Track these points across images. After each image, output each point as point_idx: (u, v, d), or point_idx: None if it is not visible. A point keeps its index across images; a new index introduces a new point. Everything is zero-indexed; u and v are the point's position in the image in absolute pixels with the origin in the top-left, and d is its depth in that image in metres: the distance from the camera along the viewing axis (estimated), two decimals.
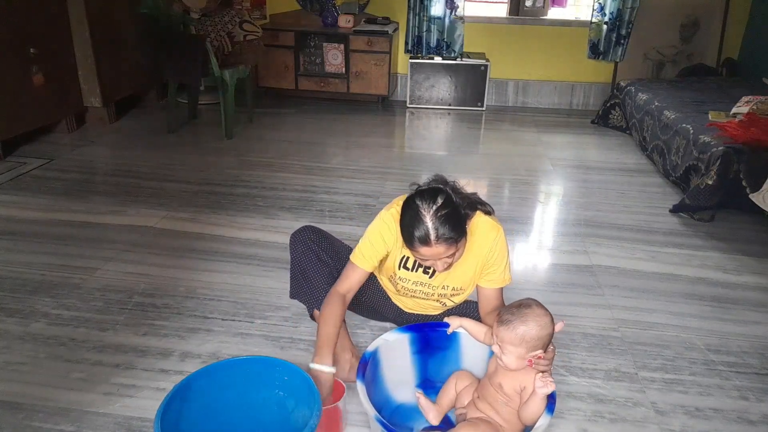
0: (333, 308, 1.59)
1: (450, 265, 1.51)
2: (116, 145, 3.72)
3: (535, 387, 1.33)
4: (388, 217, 1.57)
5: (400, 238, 1.53)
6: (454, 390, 1.53)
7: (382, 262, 1.65)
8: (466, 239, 1.49)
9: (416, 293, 1.68)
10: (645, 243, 2.65)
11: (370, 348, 1.54)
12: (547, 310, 1.42)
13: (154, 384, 1.68)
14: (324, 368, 1.49)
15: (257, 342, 1.88)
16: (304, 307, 1.88)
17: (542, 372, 1.38)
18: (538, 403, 1.34)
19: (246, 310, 2.04)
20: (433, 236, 1.40)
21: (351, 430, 1.55)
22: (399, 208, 1.52)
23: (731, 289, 2.31)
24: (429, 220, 1.40)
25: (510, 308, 1.43)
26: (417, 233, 1.41)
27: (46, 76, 3.48)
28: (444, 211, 1.41)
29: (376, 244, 1.59)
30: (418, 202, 1.43)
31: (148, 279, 2.20)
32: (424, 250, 1.43)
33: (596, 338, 1.97)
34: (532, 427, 1.34)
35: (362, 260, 1.62)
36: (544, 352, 1.40)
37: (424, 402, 1.53)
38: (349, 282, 1.64)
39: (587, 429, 1.59)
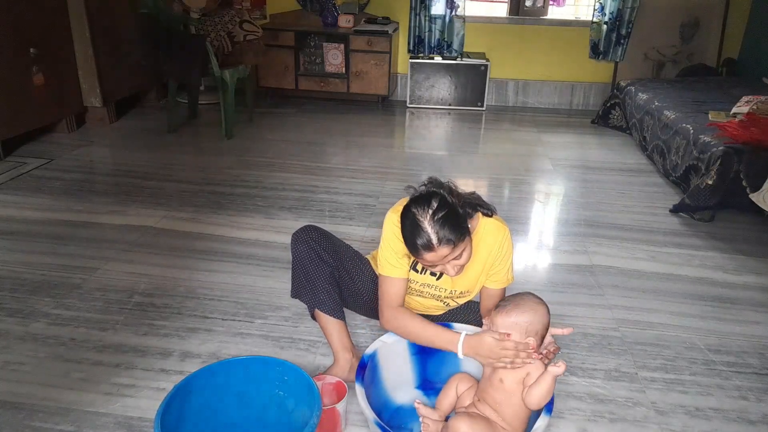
0: (406, 317, 1.58)
1: (461, 268, 1.50)
2: (116, 145, 3.72)
3: (547, 366, 1.35)
4: (397, 219, 1.53)
5: None
6: (455, 393, 1.51)
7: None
8: (470, 239, 1.48)
9: (423, 293, 1.68)
10: (645, 243, 2.65)
11: (369, 351, 1.54)
12: (542, 300, 1.46)
13: (154, 384, 1.68)
14: (463, 340, 1.49)
15: (257, 342, 1.88)
16: (305, 306, 1.88)
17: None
18: (548, 383, 1.34)
19: (246, 310, 2.04)
20: (434, 240, 1.39)
21: (351, 431, 1.55)
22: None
23: (731, 289, 2.31)
24: (428, 225, 1.39)
25: (506, 297, 1.50)
26: (419, 240, 1.40)
27: (46, 76, 3.48)
28: (441, 213, 1.39)
29: (396, 249, 1.56)
30: (414, 210, 1.42)
31: (148, 279, 2.20)
32: (429, 256, 1.42)
33: (596, 338, 1.97)
34: (532, 427, 1.34)
35: (392, 269, 1.58)
36: (540, 343, 1.42)
37: (423, 410, 1.48)
38: (393, 298, 1.60)
39: (587, 429, 1.59)
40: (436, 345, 1.54)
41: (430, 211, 1.40)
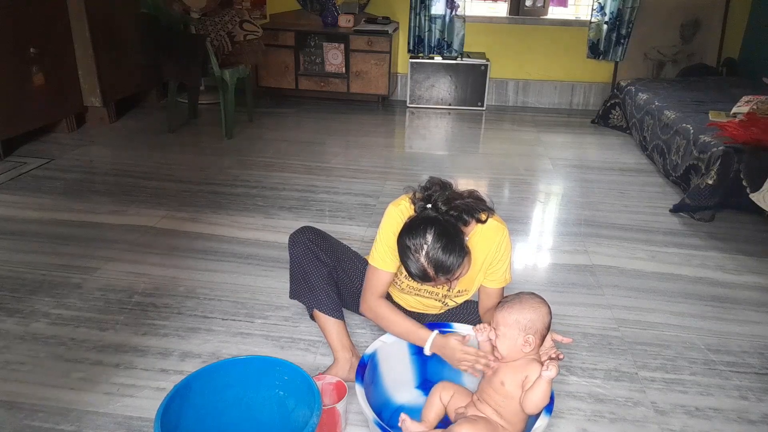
0: (387, 307, 1.60)
1: (459, 278, 1.50)
2: (116, 145, 3.72)
3: (541, 372, 1.34)
4: (397, 213, 1.54)
5: None
6: (440, 402, 1.50)
7: None
8: (469, 257, 1.46)
9: (421, 291, 1.68)
10: (645, 243, 2.65)
11: (369, 350, 1.54)
12: (544, 300, 1.46)
13: (154, 384, 1.68)
14: (432, 339, 1.51)
15: (257, 342, 1.88)
16: (304, 306, 1.88)
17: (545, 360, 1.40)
18: (543, 388, 1.33)
19: (246, 310, 2.04)
20: (432, 273, 1.39)
21: (351, 431, 1.55)
22: (407, 204, 1.53)
23: (731, 288, 2.31)
24: (423, 259, 1.37)
25: (510, 296, 1.50)
26: (415, 272, 1.40)
27: (46, 76, 3.48)
28: (438, 245, 1.36)
29: (391, 245, 1.54)
30: (409, 244, 1.39)
31: (148, 279, 2.20)
32: (428, 284, 1.45)
33: (596, 338, 1.97)
34: (533, 424, 1.34)
35: (382, 262, 1.59)
36: (540, 343, 1.42)
37: (410, 425, 1.43)
38: (377, 288, 1.62)
39: (587, 429, 1.59)
40: (410, 339, 1.56)
41: (426, 246, 1.37)
